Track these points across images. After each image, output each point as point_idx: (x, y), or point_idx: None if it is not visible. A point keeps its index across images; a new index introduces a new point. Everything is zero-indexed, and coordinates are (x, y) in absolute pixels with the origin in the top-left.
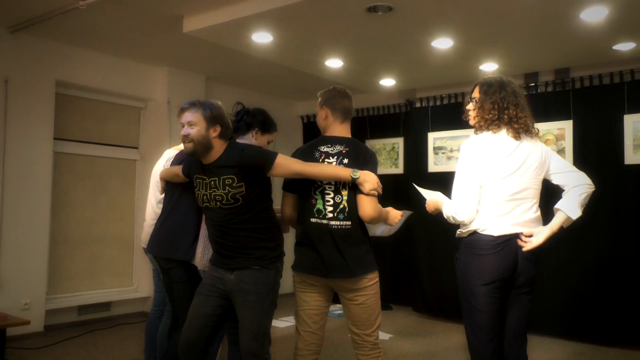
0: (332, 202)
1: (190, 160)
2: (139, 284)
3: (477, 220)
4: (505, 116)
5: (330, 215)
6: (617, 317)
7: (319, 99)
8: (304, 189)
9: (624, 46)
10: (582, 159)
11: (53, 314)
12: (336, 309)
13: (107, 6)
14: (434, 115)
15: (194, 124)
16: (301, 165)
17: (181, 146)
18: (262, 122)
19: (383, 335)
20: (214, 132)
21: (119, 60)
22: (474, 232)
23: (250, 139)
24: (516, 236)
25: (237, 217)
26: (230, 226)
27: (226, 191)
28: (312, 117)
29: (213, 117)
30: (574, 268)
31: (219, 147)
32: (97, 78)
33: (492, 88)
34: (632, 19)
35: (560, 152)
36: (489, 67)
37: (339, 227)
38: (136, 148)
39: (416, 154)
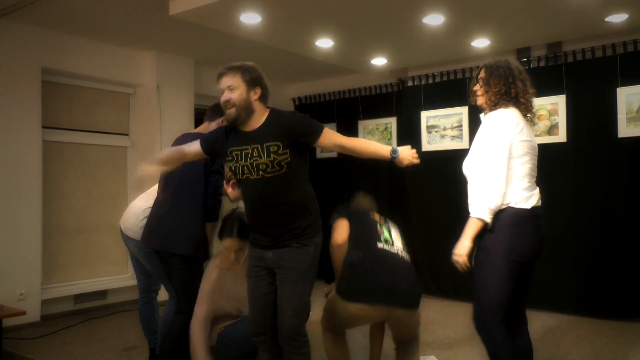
0: (399, 234)
1: (215, 136)
2: (134, 271)
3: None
4: (513, 90)
5: (400, 245)
6: (611, 289)
7: None
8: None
9: (617, 18)
10: (576, 133)
11: (49, 304)
12: None
13: None
14: (426, 94)
15: (234, 87)
16: (344, 138)
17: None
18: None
19: None
20: (255, 95)
21: (105, 45)
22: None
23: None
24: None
25: (281, 186)
26: (272, 198)
27: (271, 158)
28: (303, 99)
29: (252, 80)
30: (567, 242)
31: (260, 112)
32: (84, 64)
33: (499, 68)
34: None
35: (554, 127)
36: (481, 43)
37: (407, 259)
38: (127, 135)
39: (409, 133)
